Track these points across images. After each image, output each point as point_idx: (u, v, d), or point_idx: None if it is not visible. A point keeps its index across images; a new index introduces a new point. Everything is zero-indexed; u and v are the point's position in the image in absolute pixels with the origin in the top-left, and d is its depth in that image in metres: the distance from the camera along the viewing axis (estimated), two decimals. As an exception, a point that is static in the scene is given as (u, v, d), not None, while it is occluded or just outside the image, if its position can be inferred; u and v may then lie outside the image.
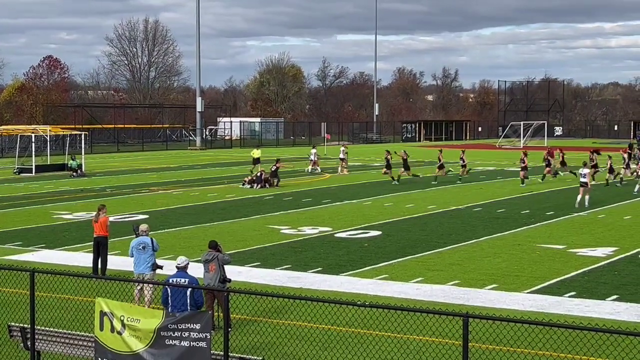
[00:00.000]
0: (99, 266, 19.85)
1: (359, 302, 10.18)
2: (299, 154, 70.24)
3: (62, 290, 16.58)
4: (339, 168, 51.22)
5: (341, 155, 51.66)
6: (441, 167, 44.20)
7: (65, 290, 16.83)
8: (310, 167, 52.38)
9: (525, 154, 43.45)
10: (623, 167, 44.40)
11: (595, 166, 42.37)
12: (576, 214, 31.22)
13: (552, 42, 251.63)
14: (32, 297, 11.60)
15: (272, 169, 42.88)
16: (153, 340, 10.58)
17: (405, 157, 43.95)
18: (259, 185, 41.20)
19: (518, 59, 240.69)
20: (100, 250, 19.89)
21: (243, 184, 42.13)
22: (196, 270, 15.52)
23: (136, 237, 16.98)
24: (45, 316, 14.15)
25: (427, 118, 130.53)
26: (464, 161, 45.36)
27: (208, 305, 14.90)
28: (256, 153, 52.00)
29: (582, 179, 33.74)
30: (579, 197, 33.40)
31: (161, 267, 16.98)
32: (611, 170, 43.11)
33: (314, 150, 53.49)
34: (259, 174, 42.22)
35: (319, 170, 51.63)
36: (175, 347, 10.47)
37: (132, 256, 16.98)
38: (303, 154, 66.48)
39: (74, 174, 49.64)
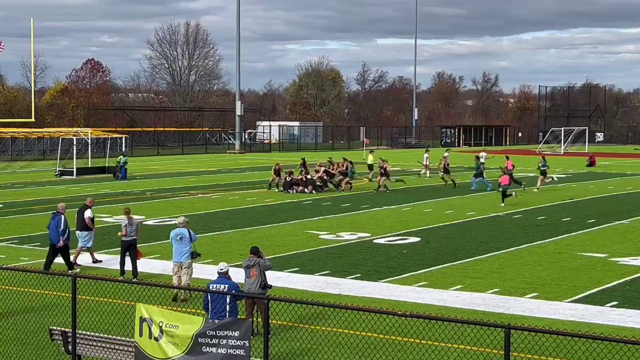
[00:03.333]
0: (130, 268, 20.32)
1: (399, 312, 10.11)
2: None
3: (102, 294, 16.71)
4: (427, 172, 51.10)
5: (425, 162, 51.73)
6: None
7: (105, 293, 16.97)
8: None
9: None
10: None
11: None
12: (618, 222, 30.85)
13: (595, 47, 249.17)
14: (73, 302, 11.66)
15: (384, 170, 42.44)
16: (190, 347, 10.53)
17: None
18: (296, 190, 41.08)
19: (559, 64, 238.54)
20: (131, 252, 20.35)
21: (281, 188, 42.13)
22: (236, 275, 15.53)
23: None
24: (85, 319, 14.22)
25: (467, 123, 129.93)
26: (385, 170, 42.70)
27: (248, 312, 14.89)
28: (370, 159, 50.74)
29: None
30: None
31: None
32: None
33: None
34: (298, 177, 42.07)
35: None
36: (212, 355, 10.39)
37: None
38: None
39: (114, 175, 50.08)
